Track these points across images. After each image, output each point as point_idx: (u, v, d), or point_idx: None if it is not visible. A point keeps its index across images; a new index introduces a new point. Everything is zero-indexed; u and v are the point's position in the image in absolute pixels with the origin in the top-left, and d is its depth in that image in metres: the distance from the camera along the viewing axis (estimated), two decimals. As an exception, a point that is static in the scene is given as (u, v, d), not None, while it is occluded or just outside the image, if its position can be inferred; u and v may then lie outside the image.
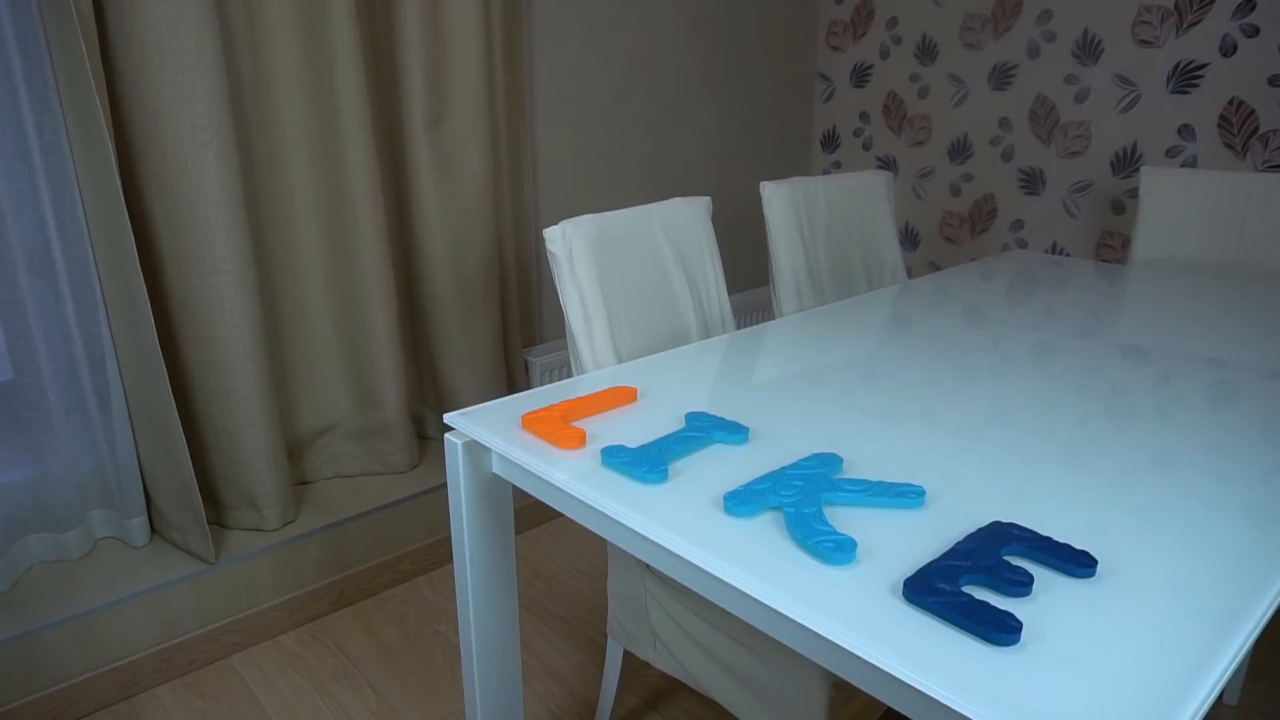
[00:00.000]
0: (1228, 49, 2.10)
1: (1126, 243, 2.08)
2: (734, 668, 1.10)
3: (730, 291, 2.83)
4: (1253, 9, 2.05)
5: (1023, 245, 2.60)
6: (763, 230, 2.84)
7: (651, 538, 0.79)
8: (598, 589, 1.90)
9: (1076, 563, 0.71)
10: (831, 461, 0.89)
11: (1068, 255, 2.51)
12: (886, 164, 2.88)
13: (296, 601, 1.77)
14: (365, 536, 1.85)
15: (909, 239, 2.88)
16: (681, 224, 1.36)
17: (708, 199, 1.41)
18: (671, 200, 1.36)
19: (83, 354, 1.61)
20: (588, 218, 1.23)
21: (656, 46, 2.47)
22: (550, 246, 1.19)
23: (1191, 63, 2.17)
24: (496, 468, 1.02)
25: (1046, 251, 2.55)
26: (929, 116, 2.73)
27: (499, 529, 1.07)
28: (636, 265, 1.29)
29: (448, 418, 1.04)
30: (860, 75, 2.88)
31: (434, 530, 1.98)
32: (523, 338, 2.31)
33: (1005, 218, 2.62)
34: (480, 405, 1.07)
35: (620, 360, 1.24)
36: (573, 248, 1.19)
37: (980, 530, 0.76)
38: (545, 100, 2.25)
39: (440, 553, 2.00)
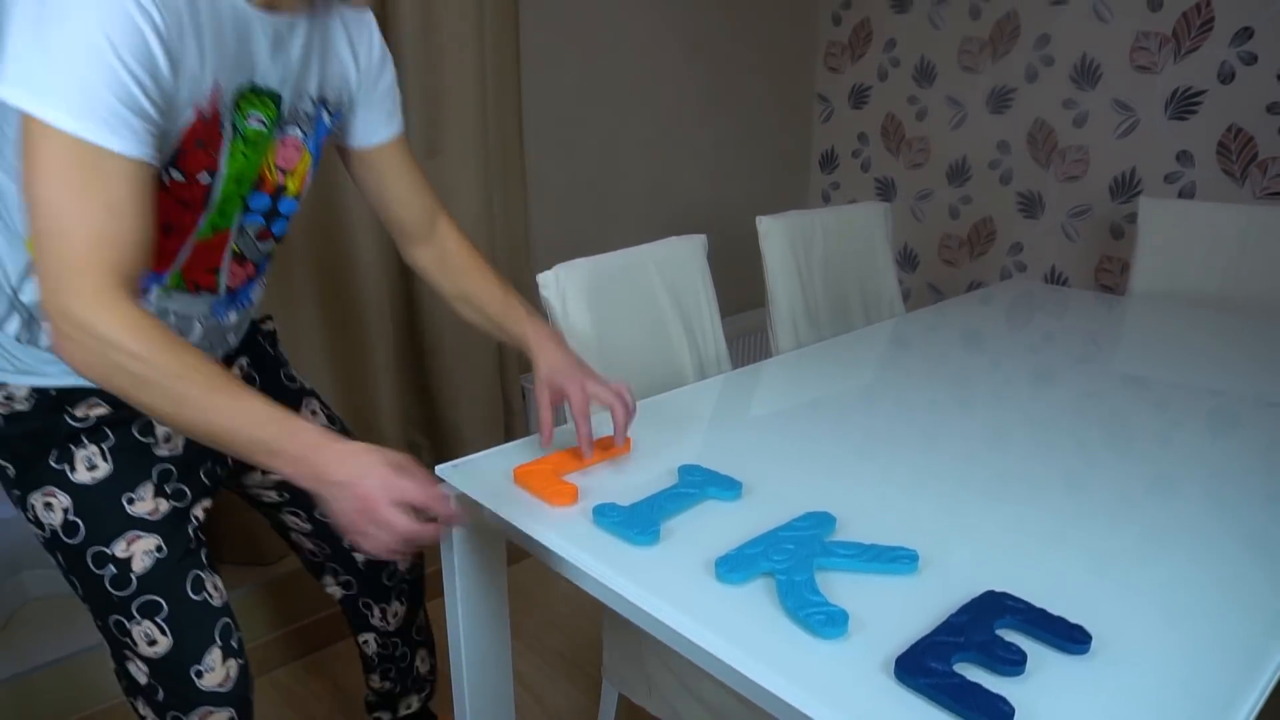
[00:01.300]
0: (1226, 76, 2.10)
1: (1125, 267, 2.08)
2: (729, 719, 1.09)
3: (727, 314, 2.83)
4: (1250, 37, 2.04)
5: (1021, 269, 2.59)
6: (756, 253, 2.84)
7: (642, 606, 0.78)
8: (595, 621, 1.89)
9: (1070, 639, 0.70)
10: (824, 521, 0.89)
11: (1066, 279, 2.50)
12: (885, 185, 2.87)
13: (293, 636, 1.76)
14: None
15: (908, 261, 2.88)
16: (677, 263, 1.36)
17: (703, 237, 1.41)
18: (667, 240, 1.36)
19: (77, 389, 1.61)
20: (581, 261, 1.22)
21: (653, 72, 2.47)
22: (543, 292, 1.19)
23: (1190, 89, 2.16)
24: (489, 517, 1.02)
25: (1045, 275, 2.54)
26: (927, 138, 2.73)
27: (490, 574, 1.06)
28: (631, 307, 1.29)
29: (439, 470, 1.04)
30: (859, 96, 2.88)
31: (431, 560, 1.96)
32: (520, 364, 2.31)
33: (1004, 241, 2.61)
34: (471, 457, 1.07)
35: (614, 404, 1.24)
36: (566, 293, 1.19)
37: (974, 601, 0.75)
38: (540, 129, 2.25)
39: (438, 583, 1.99)
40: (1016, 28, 2.45)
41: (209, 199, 0.89)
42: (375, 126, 1.06)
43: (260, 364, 1.15)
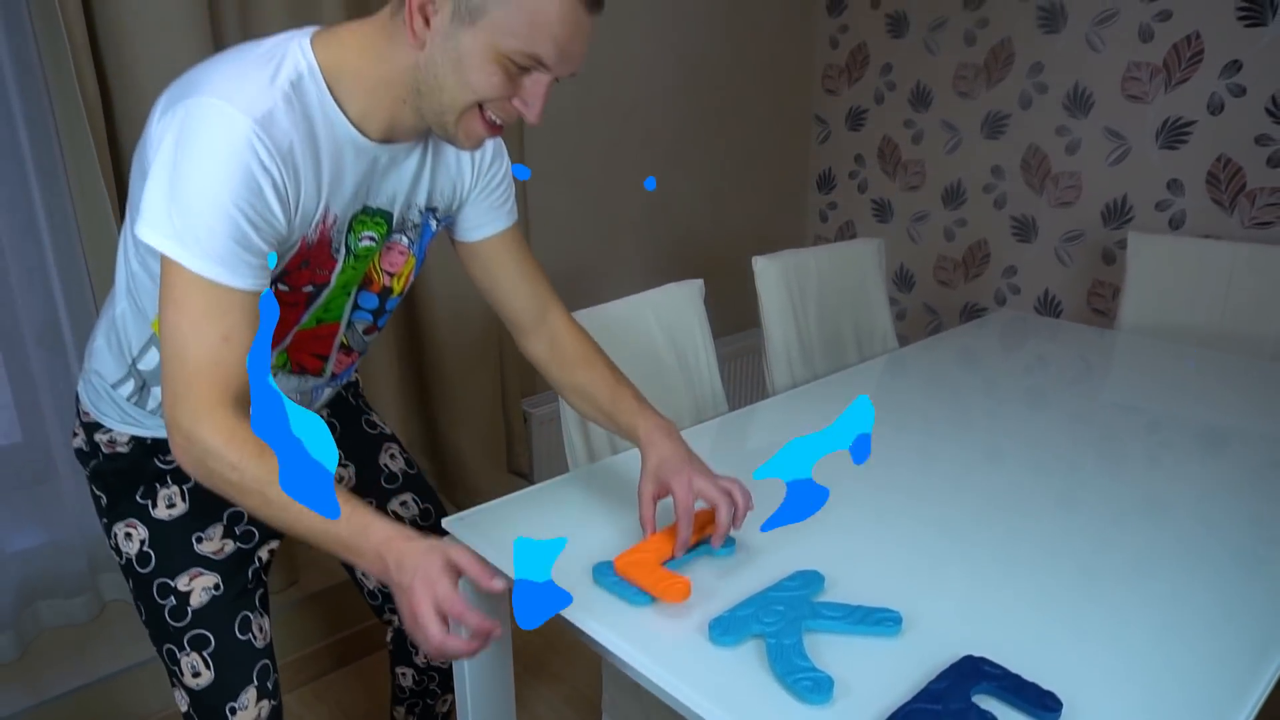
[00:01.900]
0: (1215, 107, 2.14)
1: (1117, 292, 2.12)
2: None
3: (725, 333, 2.87)
4: (1239, 69, 2.08)
5: (1015, 291, 2.63)
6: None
7: (637, 668, 0.82)
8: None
9: (1043, 705, 0.74)
10: (813, 580, 0.93)
11: (1059, 302, 2.54)
12: (881, 206, 2.91)
13: (299, 662, 1.80)
14: (371, 612, 1.89)
15: (904, 281, 2.91)
16: (674, 309, 1.40)
17: (699, 282, 1.45)
18: (665, 287, 1.40)
19: (90, 425, 1.65)
20: (582, 313, 1.26)
21: (652, 96, 2.51)
22: (545, 344, 1.22)
23: (1180, 119, 2.20)
24: (493, 567, 1.06)
25: (1039, 298, 2.58)
26: (923, 162, 2.77)
27: (492, 603, 1.10)
28: (630, 353, 1.33)
29: (445, 522, 1.08)
30: (855, 119, 2.92)
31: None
32: (521, 388, 2.35)
33: (998, 263, 2.65)
34: (476, 509, 1.11)
35: (615, 451, 1.28)
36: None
37: (952, 667, 0.79)
38: (539, 154, 2.29)
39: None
40: (1011, 55, 2.48)
41: (312, 303, 0.96)
42: (485, 220, 1.07)
43: (341, 411, 1.22)
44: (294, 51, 0.84)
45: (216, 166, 0.77)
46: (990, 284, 2.69)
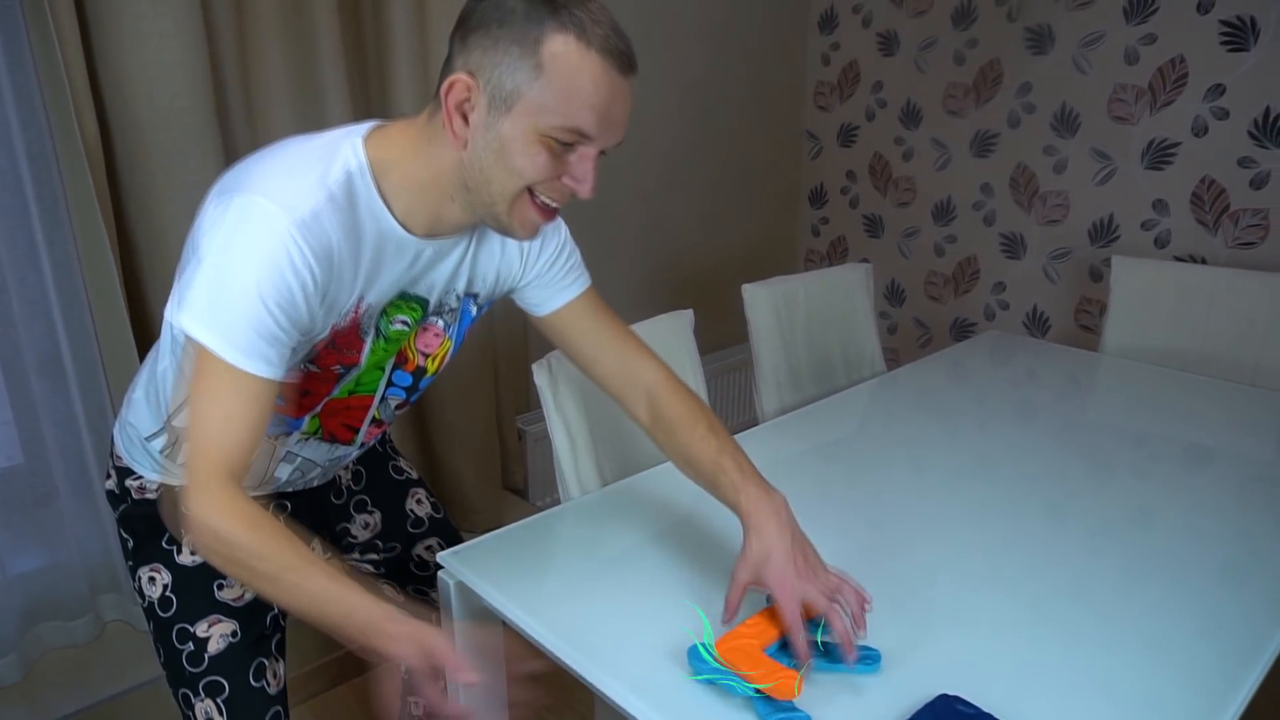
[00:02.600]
0: (1199, 129, 2.17)
1: (1104, 309, 2.15)
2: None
3: (718, 348, 2.90)
4: (1222, 93, 2.11)
5: (1004, 307, 2.66)
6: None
7: (613, 698, 0.85)
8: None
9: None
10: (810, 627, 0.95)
11: (1047, 318, 2.57)
12: (873, 222, 2.94)
13: (298, 680, 1.83)
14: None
15: (895, 295, 2.95)
16: (664, 341, 1.43)
17: (689, 313, 1.48)
18: (654, 319, 1.43)
19: (91, 451, 1.68)
20: (573, 348, 1.29)
21: (646, 118, 2.54)
22: (536, 380, 1.25)
23: (1165, 140, 2.23)
24: (487, 601, 1.09)
25: (1027, 314, 2.61)
26: (913, 178, 2.80)
27: (490, 654, 1.13)
28: (620, 387, 1.35)
29: (440, 557, 1.11)
30: (847, 135, 2.95)
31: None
32: (515, 405, 2.37)
33: (987, 280, 2.68)
34: (470, 543, 1.13)
35: (605, 483, 1.31)
36: (558, 381, 1.26)
37: (927, 706, 0.83)
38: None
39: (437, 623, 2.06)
40: (999, 75, 2.51)
41: (342, 380, 0.99)
42: (550, 295, 1.07)
43: (367, 458, 1.25)
44: (346, 149, 0.86)
45: (252, 262, 0.79)
46: (980, 300, 2.72)
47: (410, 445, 2.18)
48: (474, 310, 1.06)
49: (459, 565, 1.09)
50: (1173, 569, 1.05)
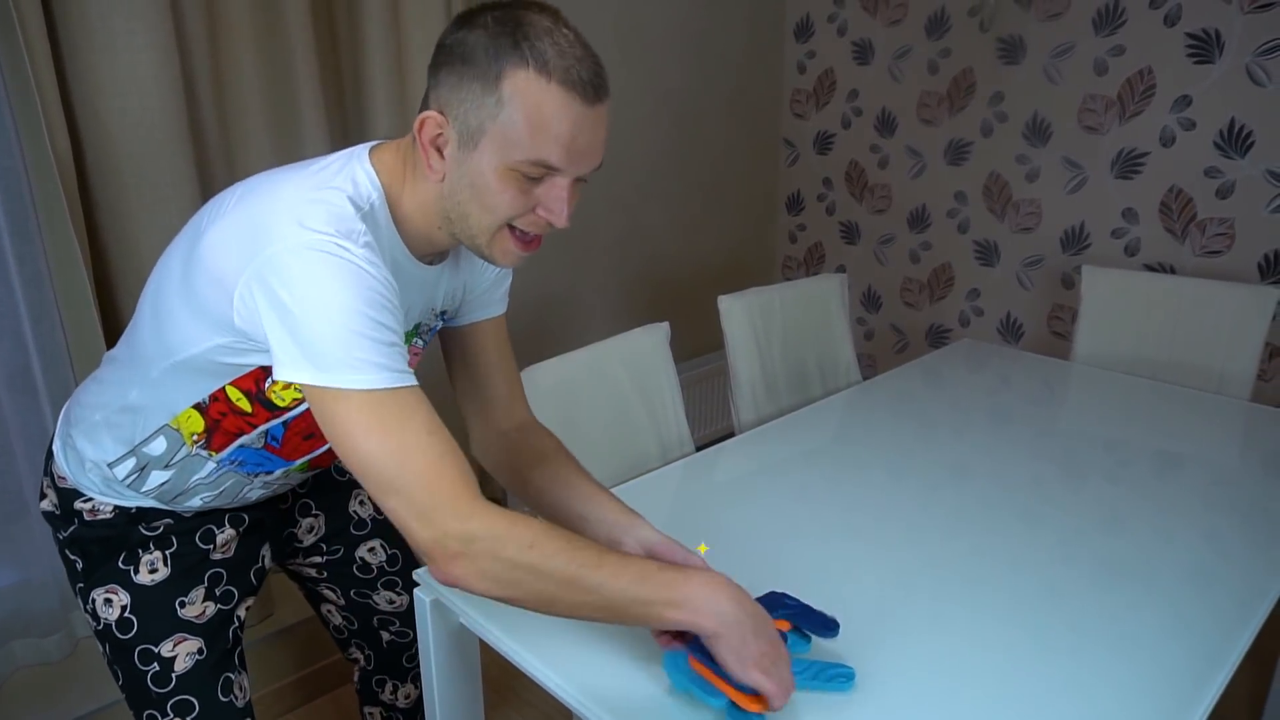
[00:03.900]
0: (1167, 140, 2.21)
1: (1076, 315, 2.18)
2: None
3: (695, 355, 2.91)
4: (1189, 104, 2.15)
5: (979, 314, 2.69)
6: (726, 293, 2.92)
7: (575, 708, 0.86)
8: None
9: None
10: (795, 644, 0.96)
11: (1021, 325, 2.60)
12: (849, 229, 2.97)
13: (273, 695, 1.82)
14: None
15: (871, 302, 2.97)
16: (640, 355, 1.44)
17: (665, 326, 1.48)
18: (630, 333, 1.43)
19: (63, 465, 1.66)
20: (549, 363, 1.30)
21: (623, 128, 2.54)
22: (512, 396, 1.26)
23: (1134, 150, 2.27)
24: (463, 620, 1.09)
25: (1001, 320, 2.65)
26: (889, 186, 2.82)
27: (466, 672, 1.14)
28: (597, 402, 1.36)
29: (416, 574, 1.11)
30: (823, 143, 2.97)
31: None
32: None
33: (962, 286, 2.71)
34: (446, 560, 1.13)
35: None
36: (533, 397, 1.26)
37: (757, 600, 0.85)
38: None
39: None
40: (972, 84, 2.54)
41: None
42: (483, 306, 1.09)
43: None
44: (361, 176, 0.85)
45: (324, 279, 0.76)
46: (954, 306, 2.75)
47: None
48: (439, 325, 1.07)
49: (435, 582, 1.09)
50: (1143, 572, 1.08)
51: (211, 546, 1.06)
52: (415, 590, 1.09)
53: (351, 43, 1.83)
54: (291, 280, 0.76)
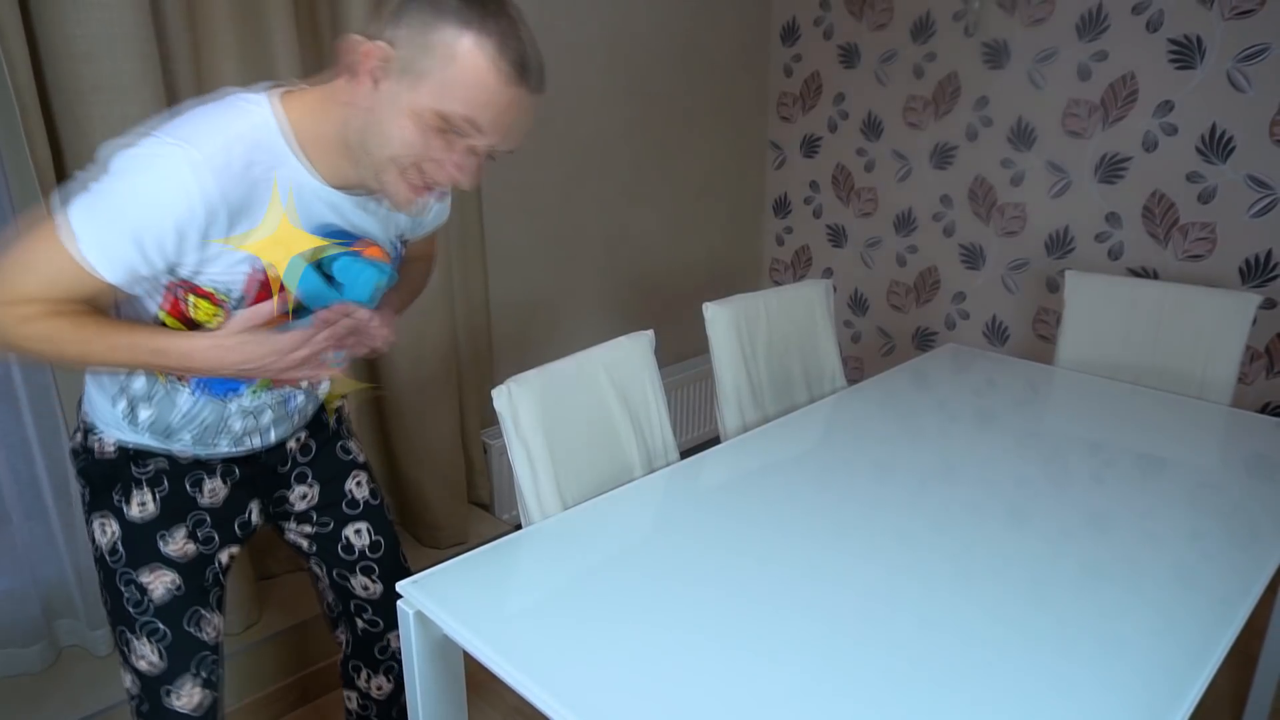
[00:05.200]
0: (1150, 145, 2.22)
1: (1060, 319, 2.19)
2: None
3: (682, 359, 2.92)
4: (1171, 109, 2.16)
5: (965, 317, 2.70)
6: (712, 298, 2.92)
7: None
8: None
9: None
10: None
11: (1006, 328, 2.62)
12: (836, 232, 2.97)
13: (259, 703, 1.81)
14: (328, 631, 1.90)
15: (858, 305, 2.98)
16: (625, 363, 1.43)
17: (650, 334, 1.48)
18: (615, 341, 1.43)
19: (45, 474, 1.65)
20: (533, 373, 1.30)
21: (610, 130, 2.54)
22: (497, 405, 1.26)
23: (1117, 155, 2.28)
24: (446, 631, 1.08)
25: (986, 323, 2.66)
26: (875, 189, 2.83)
27: (450, 682, 1.14)
28: (581, 411, 1.36)
29: (399, 586, 1.11)
30: (810, 146, 2.97)
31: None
32: (481, 420, 2.37)
33: (948, 290, 2.73)
34: (429, 571, 1.13)
35: (565, 507, 1.31)
36: (518, 407, 1.26)
37: None
38: (497, 188, 2.31)
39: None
40: (957, 89, 2.55)
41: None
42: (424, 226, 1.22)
43: (318, 433, 1.29)
44: (262, 105, 0.94)
45: (147, 188, 0.87)
46: (941, 309, 2.76)
47: (374, 461, 2.17)
48: (401, 251, 1.17)
49: (417, 594, 1.09)
50: (1127, 572, 1.10)
51: (199, 493, 1.16)
52: (398, 602, 1.09)
53: (335, 51, 1.82)
54: (133, 167, 0.88)
